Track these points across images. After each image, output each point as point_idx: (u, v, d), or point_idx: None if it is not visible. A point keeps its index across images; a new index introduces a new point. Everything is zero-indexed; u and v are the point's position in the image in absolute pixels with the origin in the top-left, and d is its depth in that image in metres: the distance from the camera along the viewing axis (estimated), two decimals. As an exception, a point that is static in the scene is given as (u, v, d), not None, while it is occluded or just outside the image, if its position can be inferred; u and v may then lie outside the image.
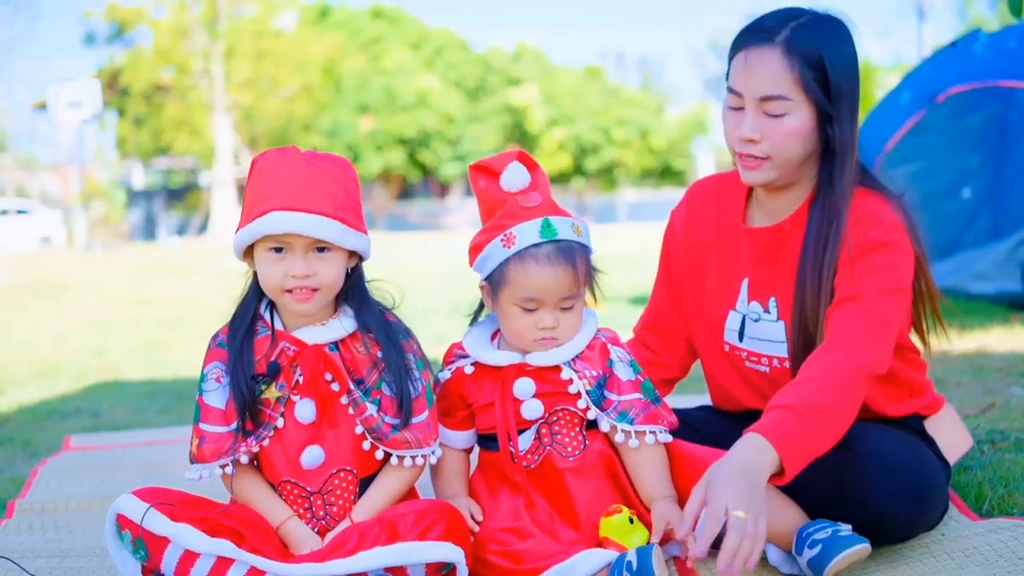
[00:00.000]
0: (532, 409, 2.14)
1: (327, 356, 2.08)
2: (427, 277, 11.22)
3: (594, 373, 2.14)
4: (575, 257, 2.09)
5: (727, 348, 2.34)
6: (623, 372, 2.17)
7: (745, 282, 2.30)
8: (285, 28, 31.08)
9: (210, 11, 28.49)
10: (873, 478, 2.02)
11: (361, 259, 2.15)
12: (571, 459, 2.14)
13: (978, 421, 3.18)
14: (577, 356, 2.15)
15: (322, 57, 30.88)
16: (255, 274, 2.12)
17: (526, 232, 2.09)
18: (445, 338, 6.53)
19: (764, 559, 2.09)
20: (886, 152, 6.59)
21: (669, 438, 2.15)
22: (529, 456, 2.16)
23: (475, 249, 2.16)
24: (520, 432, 2.16)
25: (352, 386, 2.08)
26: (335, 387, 2.09)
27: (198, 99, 29.32)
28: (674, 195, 31.40)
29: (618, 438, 2.13)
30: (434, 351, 2.35)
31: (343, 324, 2.11)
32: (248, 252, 2.10)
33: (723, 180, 2.40)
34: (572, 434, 2.16)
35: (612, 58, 49.21)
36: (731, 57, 2.18)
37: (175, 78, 29.88)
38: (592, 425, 2.17)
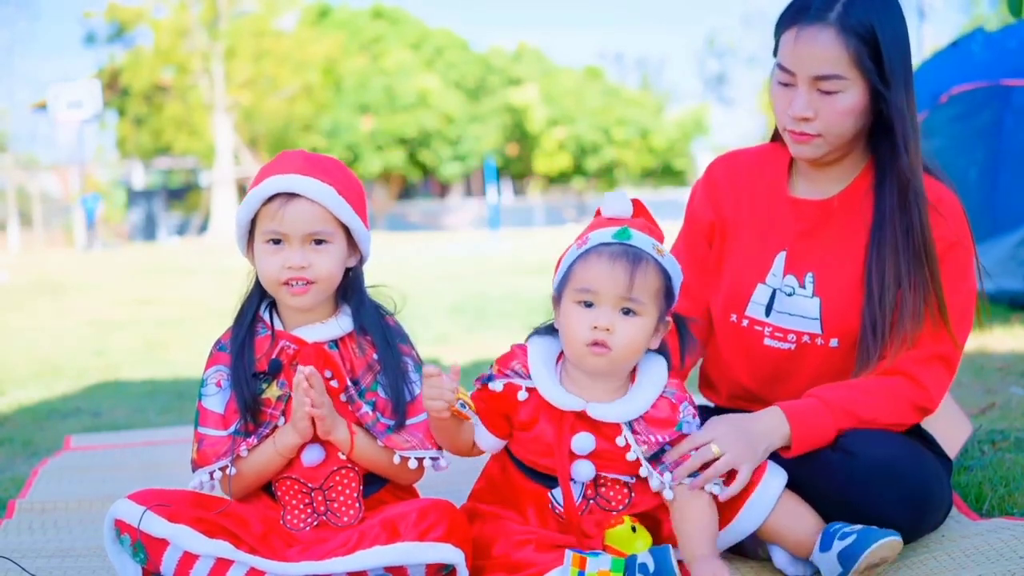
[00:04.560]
0: (583, 472, 2.02)
1: (327, 353, 2.09)
2: (427, 277, 11.22)
3: (657, 439, 2.01)
4: (641, 262, 1.97)
5: (745, 323, 2.28)
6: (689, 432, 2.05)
7: (782, 255, 2.26)
8: (285, 28, 31.08)
9: (210, 11, 28.51)
10: (874, 487, 2.00)
11: (361, 260, 2.16)
12: (615, 511, 2.05)
13: (978, 421, 3.18)
14: (641, 416, 2.02)
15: (322, 57, 30.87)
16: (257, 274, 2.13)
17: (600, 234, 2.01)
18: (446, 339, 6.56)
19: (769, 560, 2.09)
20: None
21: (722, 490, 2.00)
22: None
23: (557, 265, 2.07)
24: None
25: (349, 383, 2.09)
26: (334, 384, 2.09)
27: (198, 99, 29.32)
28: (674, 195, 31.40)
29: (667, 495, 2.00)
30: (435, 351, 2.35)
31: (340, 323, 2.12)
32: (251, 248, 2.12)
33: (759, 154, 2.36)
34: (617, 487, 2.06)
35: (612, 58, 49.15)
36: (779, 33, 2.17)
37: (175, 78, 29.90)
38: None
